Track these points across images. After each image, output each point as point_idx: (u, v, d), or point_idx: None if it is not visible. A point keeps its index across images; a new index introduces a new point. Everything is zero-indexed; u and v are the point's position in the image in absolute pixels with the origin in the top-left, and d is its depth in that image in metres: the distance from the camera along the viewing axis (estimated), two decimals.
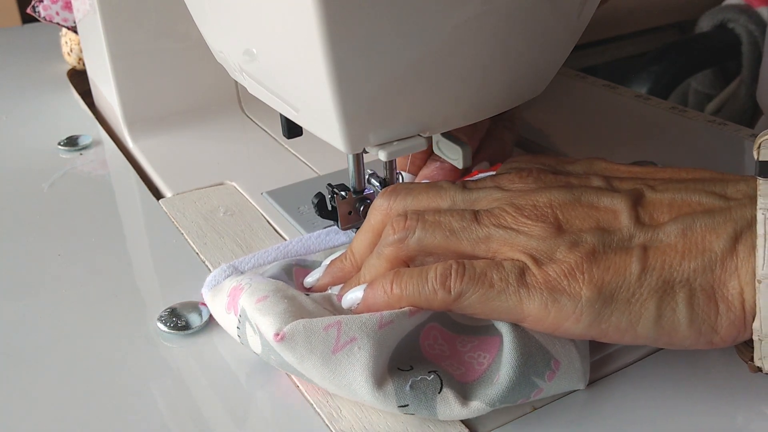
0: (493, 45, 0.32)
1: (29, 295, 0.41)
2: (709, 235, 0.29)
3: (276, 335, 0.31)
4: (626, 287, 0.29)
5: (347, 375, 0.31)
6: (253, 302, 0.33)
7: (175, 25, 0.58)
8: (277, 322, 0.32)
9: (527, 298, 0.30)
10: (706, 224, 0.30)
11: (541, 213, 0.32)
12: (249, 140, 0.59)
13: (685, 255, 0.29)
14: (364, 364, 0.30)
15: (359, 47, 0.29)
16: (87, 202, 0.51)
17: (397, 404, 0.31)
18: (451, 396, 0.30)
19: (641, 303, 0.29)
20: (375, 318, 0.31)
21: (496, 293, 0.30)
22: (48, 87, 0.72)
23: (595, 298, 0.29)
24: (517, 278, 0.30)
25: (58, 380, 0.35)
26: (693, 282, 0.29)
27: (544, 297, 0.30)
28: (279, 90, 0.36)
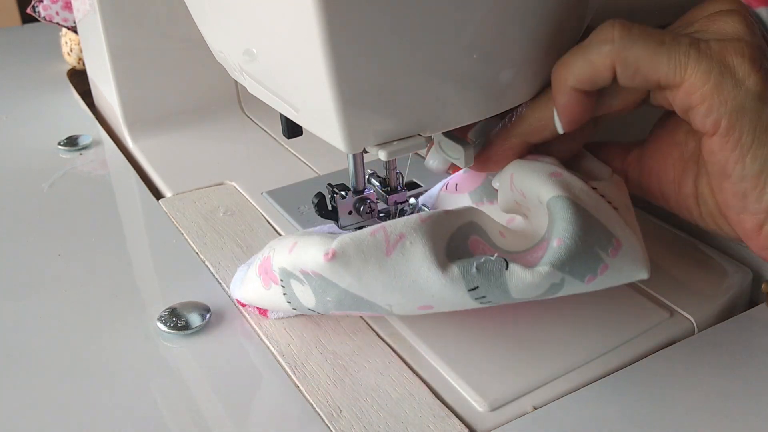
0: (494, 44, 0.32)
1: (29, 295, 0.41)
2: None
3: (326, 255, 0.30)
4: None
5: (410, 271, 0.30)
6: (286, 254, 0.33)
7: (175, 25, 0.58)
8: (322, 246, 0.31)
9: (695, 61, 0.30)
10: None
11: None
12: (249, 140, 0.59)
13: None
14: (422, 254, 0.29)
15: (359, 47, 0.29)
16: (87, 202, 0.51)
17: (467, 288, 0.30)
18: (519, 269, 0.29)
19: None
20: (415, 216, 0.31)
21: (666, 48, 0.31)
22: (48, 87, 0.72)
23: (756, 95, 0.29)
24: (691, 40, 0.31)
25: (58, 380, 0.35)
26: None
27: (713, 65, 0.30)
28: (279, 90, 0.36)
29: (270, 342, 0.36)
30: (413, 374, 0.34)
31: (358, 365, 0.35)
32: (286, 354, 0.35)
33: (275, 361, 0.35)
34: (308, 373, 0.34)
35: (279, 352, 0.36)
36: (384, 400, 0.33)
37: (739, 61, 0.30)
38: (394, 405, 0.32)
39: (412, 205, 0.43)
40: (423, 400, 0.32)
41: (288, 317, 0.38)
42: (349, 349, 0.36)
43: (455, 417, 0.32)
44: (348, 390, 0.33)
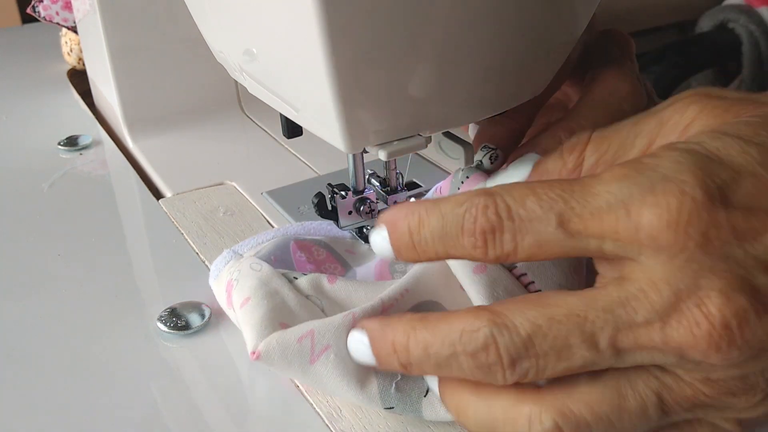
0: (494, 44, 0.32)
1: (29, 295, 0.41)
2: None
3: (252, 353, 0.31)
4: None
5: (330, 383, 0.30)
6: (239, 306, 0.34)
7: (175, 25, 0.58)
8: (253, 337, 0.31)
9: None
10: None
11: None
12: (249, 140, 0.59)
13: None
14: (342, 371, 0.30)
15: (359, 47, 0.29)
16: (87, 202, 0.51)
17: (383, 406, 0.30)
18: (436, 401, 0.30)
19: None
20: (348, 319, 0.31)
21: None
22: (48, 87, 0.72)
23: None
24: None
25: (58, 380, 0.35)
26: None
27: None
28: (279, 90, 0.36)
29: None
30: None
31: None
32: None
33: None
34: None
35: None
36: None
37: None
38: None
39: None
40: None
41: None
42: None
43: None
44: None
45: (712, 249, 0.22)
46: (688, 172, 0.23)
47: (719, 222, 0.22)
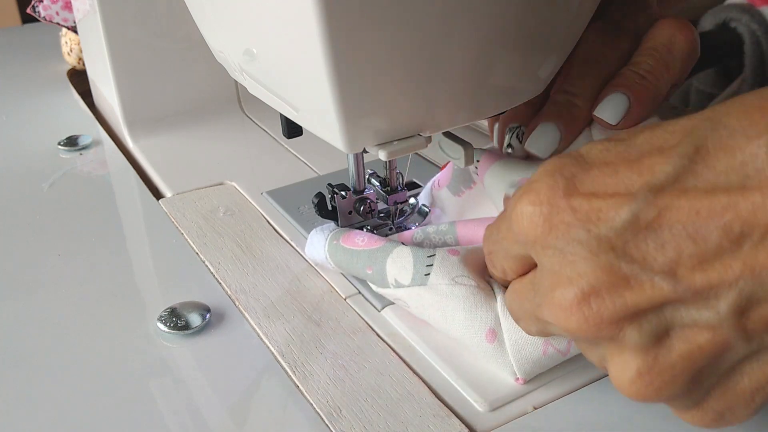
0: (494, 45, 0.32)
1: (29, 295, 0.41)
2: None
3: (516, 379, 0.33)
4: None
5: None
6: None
7: (175, 25, 0.58)
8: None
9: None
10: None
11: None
12: (249, 140, 0.59)
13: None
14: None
15: (359, 47, 0.29)
16: (87, 202, 0.51)
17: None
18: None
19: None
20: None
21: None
22: (48, 87, 0.72)
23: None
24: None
25: (58, 380, 0.35)
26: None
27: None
28: (279, 90, 0.35)
29: (270, 342, 0.36)
30: (413, 374, 0.34)
31: (358, 365, 0.35)
32: (286, 354, 0.35)
33: (275, 361, 0.35)
34: (308, 373, 0.34)
35: (279, 352, 0.36)
36: (384, 400, 0.33)
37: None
38: (394, 405, 0.32)
39: (412, 205, 0.43)
40: (423, 400, 0.32)
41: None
42: (349, 349, 0.36)
43: (455, 417, 0.31)
44: (348, 390, 0.33)
45: (557, 232, 0.25)
46: (543, 172, 0.26)
47: (559, 206, 0.25)
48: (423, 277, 0.35)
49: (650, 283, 0.23)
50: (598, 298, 0.24)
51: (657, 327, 0.24)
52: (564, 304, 0.24)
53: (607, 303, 0.24)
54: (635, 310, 0.23)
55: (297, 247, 0.44)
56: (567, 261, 0.24)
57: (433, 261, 0.35)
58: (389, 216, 0.43)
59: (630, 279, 0.23)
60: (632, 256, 0.23)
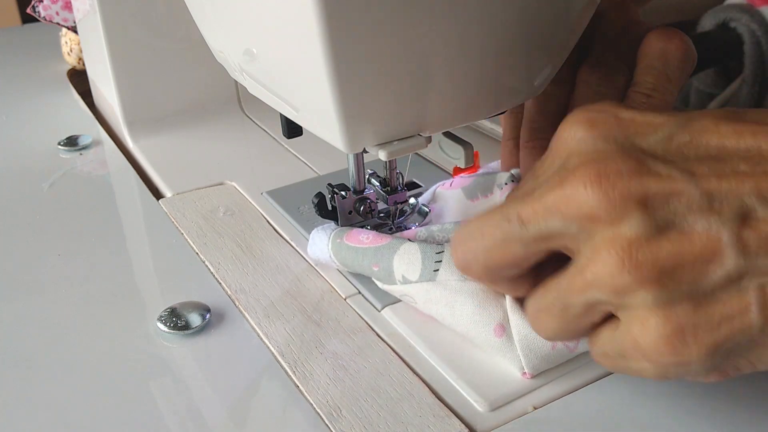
0: (493, 45, 0.32)
1: (29, 295, 0.41)
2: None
3: (524, 374, 0.33)
4: (744, 343, 0.25)
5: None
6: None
7: (175, 25, 0.58)
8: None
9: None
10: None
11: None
12: (249, 140, 0.59)
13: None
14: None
15: (359, 47, 0.29)
16: (87, 202, 0.51)
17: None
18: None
19: (762, 351, 0.25)
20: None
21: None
22: (48, 87, 0.72)
23: (707, 362, 0.25)
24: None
25: (58, 380, 0.35)
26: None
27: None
28: (279, 90, 0.35)
29: (270, 342, 0.36)
30: (413, 374, 0.34)
31: (358, 365, 0.35)
32: (286, 354, 0.35)
33: (275, 361, 0.35)
34: (308, 373, 0.34)
35: (279, 352, 0.36)
36: (384, 400, 0.33)
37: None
38: (394, 405, 0.32)
39: (412, 205, 0.43)
40: (423, 400, 0.32)
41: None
42: (349, 349, 0.36)
43: (455, 417, 0.31)
44: (348, 390, 0.33)
45: (597, 130, 0.27)
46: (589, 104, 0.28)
47: (608, 120, 0.27)
48: (432, 273, 0.35)
49: (668, 175, 0.25)
50: (617, 176, 0.25)
51: (661, 217, 0.25)
52: (582, 174, 0.25)
53: (624, 180, 0.25)
54: (647, 195, 0.25)
55: (297, 247, 0.44)
56: (598, 150, 0.26)
57: (441, 257, 0.35)
58: (389, 216, 0.43)
59: (651, 169, 0.25)
60: (658, 156, 0.26)
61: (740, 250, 0.24)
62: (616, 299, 0.26)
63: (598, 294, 0.26)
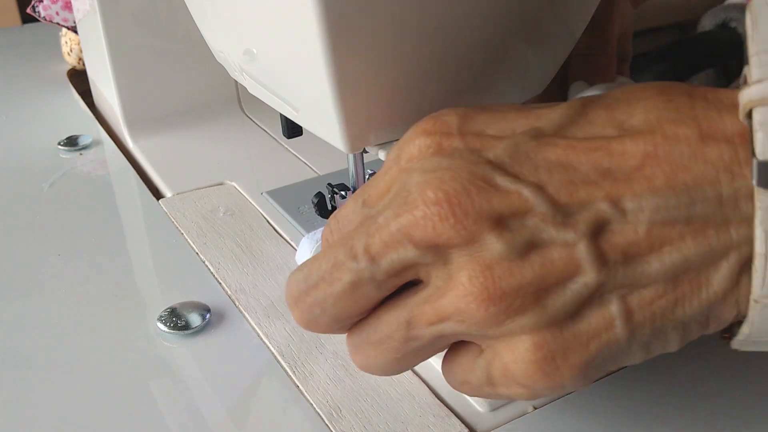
0: (493, 45, 0.32)
1: (29, 295, 0.41)
2: (706, 271, 0.23)
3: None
4: (612, 354, 0.24)
5: None
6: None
7: (175, 25, 0.58)
8: None
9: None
10: (702, 258, 0.23)
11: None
12: (249, 140, 0.59)
13: (679, 302, 0.24)
14: None
15: (359, 47, 0.29)
16: (87, 202, 0.51)
17: None
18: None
19: (629, 356, 0.25)
20: None
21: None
22: (48, 87, 0.72)
23: (580, 381, 0.25)
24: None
25: (58, 380, 0.35)
26: (688, 322, 0.24)
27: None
28: (279, 90, 0.35)
29: (270, 342, 0.36)
30: (413, 374, 0.34)
31: None
32: (286, 354, 0.35)
33: (275, 361, 0.35)
34: (308, 373, 0.34)
35: (279, 352, 0.36)
36: (384, 400, 0.33)
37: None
38: (394, 405, 0.32)
39: None
40: (423, 400, 0.32)
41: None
42: None
43: (455, 417, 0.32)
44: (348, 390, 0.33)
45: (443, 153, 0.25)
46: (438, 112, 0.27)
47: (452, 134, 0.26)
48: None
49: (518, 193, 0.24)
50: (467, 197, 0.24)
51: (517, 238, 0.23)
52: (432, 197, 0.24)
53: (474, 201, 0.24)
54: (499, 214, 0.24)
55: (297, 247, 0.44)
56: (443, 167, 0.25)
57: None
58: None
59: (500, 188, 0.24)
60: (506, 172, 0.24)
61: (598, 263, 0.23)
62: (477, 330, 0.24)
63: (454, 326, 0.25)
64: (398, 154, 0.27)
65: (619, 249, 0.23)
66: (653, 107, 0.24)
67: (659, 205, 0.23)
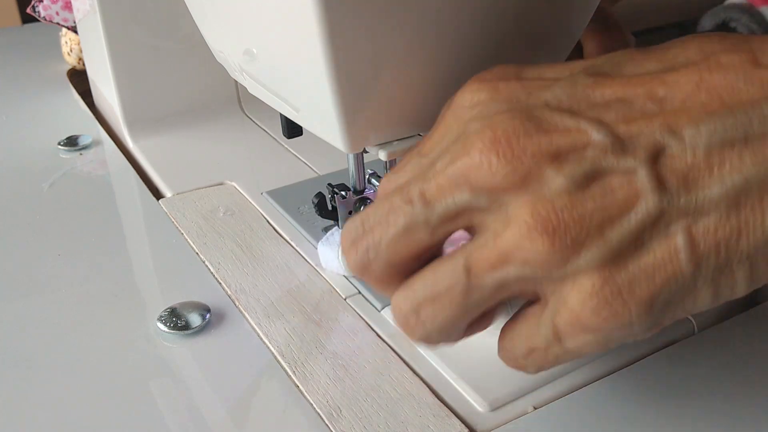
0: (493, 45, 0.32)
1: (29, 295, 0.41)
2: (760, 198, 0.23)
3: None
4: (679, 290, 0.24)
5: None
6: None
7: (175, 25, 0.58)
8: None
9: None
10: (763, 178, 0.23)
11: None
12: (249, 140, 0.59)
13: (743, 231, 0.23)
14: None
15: (359, 47, 0.29)
16: (87, 202, 0.51)
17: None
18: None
19: (696, 296, 0.24)
20: None
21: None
22: (48, 87, 0.72)
23: (647, 319, 0.24)
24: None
25: (58, 380, 0.35)
26: (754, 255, 0.24)
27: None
28: (279, 90, 0.36)
29: (270, 342, 0.36)
30: (413, 374, 0.34)
31: (358, 365, 0.35)
32: (286, 354, 0.35)
33: (275, 361, 0.35)
34: (308, 373, 0.34)
35: (279, 352, 0.36)
36: (384, 400, 0.33)
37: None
38: (394, 405, 0.32)
39: None
40: (423, 400, 0.32)
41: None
42: (349, 349, 0.36)
43: (455, 417, 0.32)
44: (348, 390, 0.33)
45: (500, 97, 0.25)
46: (493, 67, 0.28)
47: (509, 80, 0.26)
48: None
49: (576, 128, 0.24)
50: (524, 135, 0.24)
51: (577, 169, 0.23)
52: (491, 140, 0.24)
53: (533, 139, 0.23)
54: (557, 149, 0.23)
55: (297, 247, 0.44)
56: (501, 111, 0.25)
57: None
58: None
59: (558, 125, 0.24)
60: (563, 109, 0.24)
61: (659, 188, 0.23)
62: (542, 272, 0.24)
63: (517, 270, 0.24)
64: (453, 102, 0.27)
65: (679, 174, 0.23)
66: (708, 41, 0.25)
67: (716, 128, 0.23)
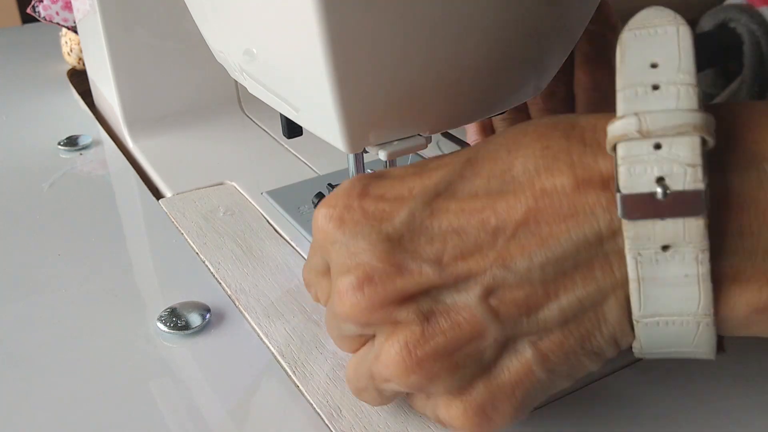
0: (494, 44, 0.32)
1: (29, 295, 0.41)
2: (600, 307, 0.25)
3: None
4: (539, 391, 0.27)
5: None
6: None
7: (175, 25, 0.58)
8: None
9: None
10: (594, 298, 0.25)
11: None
12: (249, 140, 0.59)
13: (586, 339, 0.26)
14: None
15: (359, 47, 0.29)
16: (87, 202, 0.51)
17: None
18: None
19: (556, 387, 0.28)
20: None
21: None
22: (48, 87, 0.72)
23: (516, 421, 0.28)
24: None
25: (58, 380, 0.35)
26: (598, 349, 0.27)
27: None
28: (279, 90, 0.36)
29: (270, 342, 0.36)
30: None
31: None
32: (286, 354, 0.35)
33: (275, 361, 0.35)
34: (308, 373, 0.34)
35: (279, 352, 0.36)
36: None
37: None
38: (394, 405, 0.32)
39: None
40: None
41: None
42: None
43: None
44: (348, 390, 0.33)
45: (346, 228, 0.28)
46: (344, 182, 0.29)
47: (352, 210, 0.28)
48: None
49: (419, 270, 0.26)
50: (371, 285, 0.26)
51: (425, 308, 0.26)
52: (342, 289, 0.27)
53: (378, 288, 0.26)
54: (404, 295, 0.26)
55: (297, 247, 0.44)
56: (351, 253, 0.27)
57: None
58: None
59: (402, 267, 0.26)
60: (406, 248, 0.26)
61: (497, 319, 0.26)
62: (413, 390, 0.28)
63: (399, 385, 0.28)
64: (315, 229, 0.29)
65: (519, 302, 0.25)
66: (531, 155, 0.26)
67: (548, 259, 0.25)
